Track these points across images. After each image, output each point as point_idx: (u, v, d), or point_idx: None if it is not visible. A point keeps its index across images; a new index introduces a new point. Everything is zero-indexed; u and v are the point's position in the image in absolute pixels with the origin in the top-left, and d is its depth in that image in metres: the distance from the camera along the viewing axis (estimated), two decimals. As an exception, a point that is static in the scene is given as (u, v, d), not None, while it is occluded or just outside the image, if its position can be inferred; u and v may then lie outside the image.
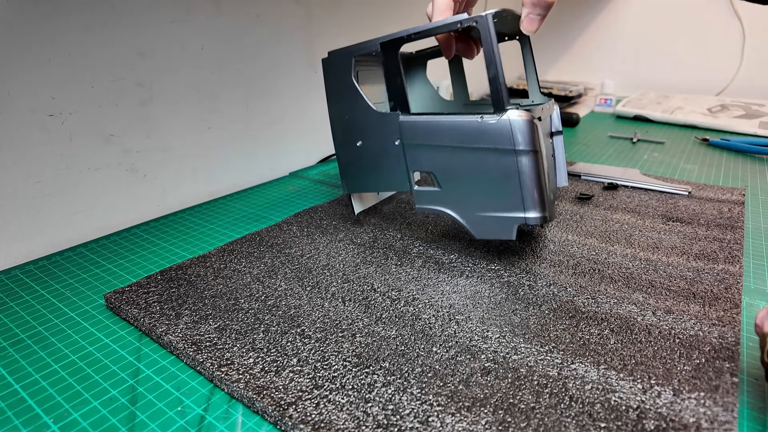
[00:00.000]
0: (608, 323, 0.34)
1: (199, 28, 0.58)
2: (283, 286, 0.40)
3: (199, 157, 0.62)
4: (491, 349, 0.32)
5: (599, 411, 0.27)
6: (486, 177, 0.40)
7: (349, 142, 0.45)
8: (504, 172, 0.39)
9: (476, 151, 0.39)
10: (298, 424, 0.26)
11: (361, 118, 0.44)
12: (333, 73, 0.44)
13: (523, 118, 0.38)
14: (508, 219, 0.40)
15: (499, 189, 0.39)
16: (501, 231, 0.40)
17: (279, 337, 0.33)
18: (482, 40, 0.37)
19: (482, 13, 0.37)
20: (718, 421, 0.26)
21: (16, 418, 0.28)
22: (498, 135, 0.38)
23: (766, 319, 0.28)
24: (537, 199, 0.38)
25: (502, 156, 0.38)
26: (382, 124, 0.43)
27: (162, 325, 0.35)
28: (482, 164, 0.39)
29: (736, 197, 0.58)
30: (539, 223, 0.39)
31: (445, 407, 0.27)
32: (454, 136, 0.40)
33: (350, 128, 0.45)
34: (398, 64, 0.41)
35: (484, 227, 0.41)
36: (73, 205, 0.51)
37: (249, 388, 0.29)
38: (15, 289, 0.42)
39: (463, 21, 0.38)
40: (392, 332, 0.34)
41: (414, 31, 0.40)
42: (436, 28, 0.39)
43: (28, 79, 0.45)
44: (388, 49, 0.41)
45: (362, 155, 0.45)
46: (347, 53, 0.43)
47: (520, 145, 0.38)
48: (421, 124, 0.41)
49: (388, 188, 0.45)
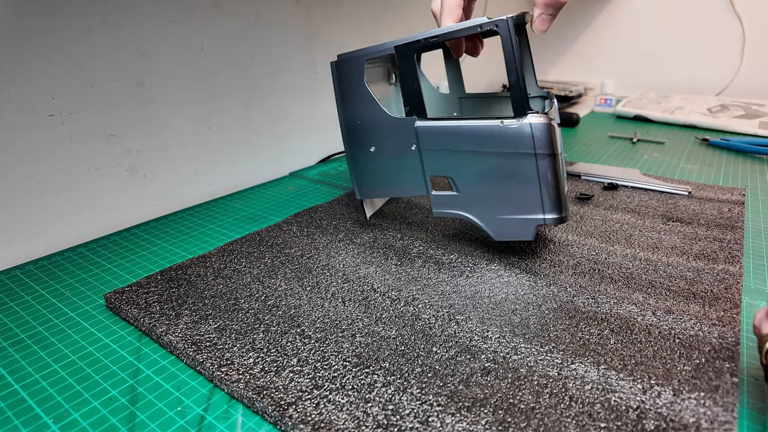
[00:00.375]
0: (608, 323, 0.34)
1: (199, 28, 0.58)
2: (283, 286, 0.40)
3: (199, 157, 0.62)
4: (491, 349, 0.32)
5: (599, 411, 0.27)
6: (505, 180, 0.40)
7: (362, 147, 0.44)
8: (524, 174, 0.39)
9: (495, 155, 0.40)
10: (298, 424, 0.26)
11: (374, 123, 0.43)
12: (343, 78, 0.43)
13: (543, 121, 0.38)
14: (527, 220, 0.40)
15: (518, 191, 0.40)
16: (520, 232, 0.41)
17: (279, 337, 0.33)
18: (503, 44, 0.37)
19: (503, 17, 0.36)
20: (718, 421, 0.26)
21: (16, 418, 0.28)
22: (518, 139, 0.38)
23: (764, 321, 0.28)
24: (556, 200, 0.39)
25: (522, 159, 0.39)
26: (397, 130, 0.42)
27: (162, 325, 0.35)
28: (501, 167, 0.40)
29: (736, 197, 0.58)
30: (557, 223, 0.40)
31: (445, 407, 0.27)
32: (473, 141, 0.40)
33: (363, 134, 0.44)
34: (415, 69, 0.40)
35: (503, 229, 0.42)
36: (73, 205, 0.51)
37: (249, 388, 0.29)
38: (15, 289, 0.42)
39: (483, 25, 0.37)
40: (392, 332, 0.34)
41: (432, 34, 0.39)
42: (456, 32, 0.38)
43: (28, 79, 0.45)
44: (404, 53, 0.40)
45: (376, 161, 0.44)
46: (359, 57, 0.42)
47: (540, 149, 0.38)
48: (438, 129, 0.41)
49: (404, 193, 0.45)
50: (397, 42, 0.40)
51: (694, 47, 1.22)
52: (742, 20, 1.14)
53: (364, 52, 0.42)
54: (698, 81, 1.23)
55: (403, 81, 0.41)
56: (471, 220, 0.43)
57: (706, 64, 1.22)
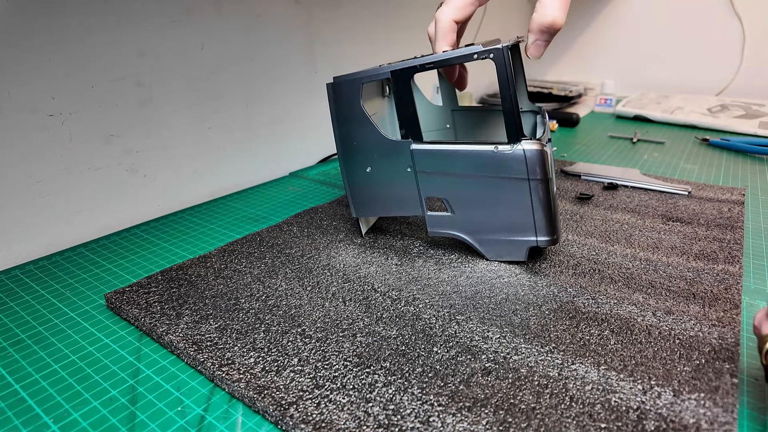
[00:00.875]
0: (608, 324, 0.34)
1: (199, 28, 0.58)
2: (283, 286, 0.40)
3: (199, 157, 0.62)
4: (492, 350, 0.32)
5: (599, 411, 0.27)
6: (499, 203, 0.41)
7: (358, 167, 0.45)
8: (517, 198, 0.40)
9: (489, 179, 0.40)
10: (299, 423, 0.26)
11: (371, 144, 0.44)
12: (340, 99, 0.44)
13: (536, 148, 0.39)
14: (520, 242, 0.42)
15: (511, 214, 0.41)
16: (513, 253, 0.42)
17: (280, 337, 0.33)
18: (497, 72, 0.38)
19: (498, 46, 0.37)
20: (718, 422, 0.26)
21: (16, 418, 0.28)
22: (512, 164, 0.39)
23: (764, 321, 0.28)
24: (548, 223, 0.40)
25: (516, 184, 0.40)
26: (393, 151, 0.43)
27: (163, 325, 0.35)
28: (495, 191, 0.41)
29: (736, 197, 0.58)
30: (549, 245, 0.41)
31: (446, 407, 0.27)
32: (467, 165, 0.41)
33: (359, 154, 0.45)
34: (411, 93, 0.41)
35: (496, 249, 0.43)
36: (73, 205, 0.51)
37: (250, 387, 0.29)
38: (15, 289, 0.42)
39: (479, 53, 0.38)
40: (393, 332, 0.34)
41: (427, 61, 0.40)
42: (451, 59, 0.39)
43: (28, 79, 0.45)
44: (400, 77, 0.41)
45: (372, 181, 0.45)
46: (356, 80, 0.43)
47: (533, 174, 0.39)
48: (434, 153, 0.42)
49: (399, 213, 0.45)
50: (393, 67, 0.41)
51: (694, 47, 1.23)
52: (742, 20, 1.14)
53: (360, 75, 0.42)
54: (698, 81, 1.24)
55: (399, 105, 0.42)
56: (465, 240, 0.44)
57: (706, 64, 1.22)
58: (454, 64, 0.39)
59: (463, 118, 0.57)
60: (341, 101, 0.44)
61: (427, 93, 1.00)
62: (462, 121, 0.57)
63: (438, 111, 0.57)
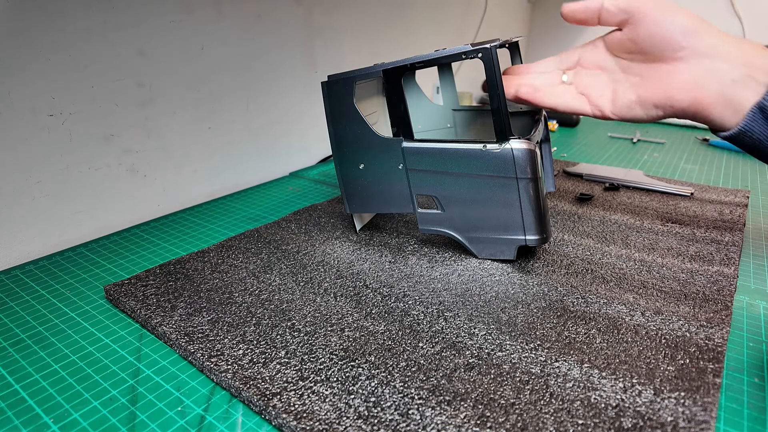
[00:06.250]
0: (596, 323, 0.35)
1: (199, 29, 0.59)
2: (277, 281, 0.40)
3: (199, 157, 0.63)
4: (476, 346, 0.32)
5: (578, 408, 0.27)
6: (488, 202, 0.41)
7: (351, 164, 0.46)
8: (506, 197, 0.40)
9: (478, 177, 0.41)
10: (281, 413, 0.26)
11: (363, 142, 0.44)
12: (334, 98, 0.45)
13: (524, 147, 0.39)
14: (509, 240, 0.42)
15: (500, 213, 0.41)
16: (502, 251, 0.43)
17: (269, 330, 0.34)
18: (486, 71, 0.38)
19: (486, 45, 0.38)
20: (696, 420, 0.26)
21: (16, 418, 0.29)
22: (501, 163, 0.40)
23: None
24: (537, 222, 0.40)
25: (504, 182, 0.40)
26: (384, 149, 0.44)
27: (157, 316, 0.36)
28: (484, 190, 0.41)
29: (740, 199, 0.58)
30: (538, 244, 0.41)
31: (426, 400, 0.27)
32: (457, 163, 0.41)
33: (352, 151, 0.45)
34: (401, 91, 0.42)
35: (485, 248, 0.43)
36: (73, 205, 0.51)
37: (236, 378, 0.29)
38: (15, 289, 0.42)
39: (466, 52, 0.38)
40: (380, 327, 0.34)
41: (417, 60, 0.40)
42: (440, 58, 0.40)
43: (28, 79, 0.46)
44: (391, 76, 0.42)
45: (365, 178, 0.46)
46: (349, 79, 0.43)
47: (521, 174, 0.39)
48: (424, 151, 0.42)
49: (391, 210, 0.46)
50: (385, 66, 0.42)
51: (697, 48, 1.21)
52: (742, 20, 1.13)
53: (354, 74, 0.43)
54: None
55: (390, 103, 0.42)
56: (455, 238, 0.44)
57: (711, 65, 1.21)
58: (443, 63, 0.40)
59: (463, 118, 0.57)
60: (335, 99, 0.44)
61: (428, 93, 1.00)
62: (463, 120, 0.57)
63: (439, 110, 0.57)
